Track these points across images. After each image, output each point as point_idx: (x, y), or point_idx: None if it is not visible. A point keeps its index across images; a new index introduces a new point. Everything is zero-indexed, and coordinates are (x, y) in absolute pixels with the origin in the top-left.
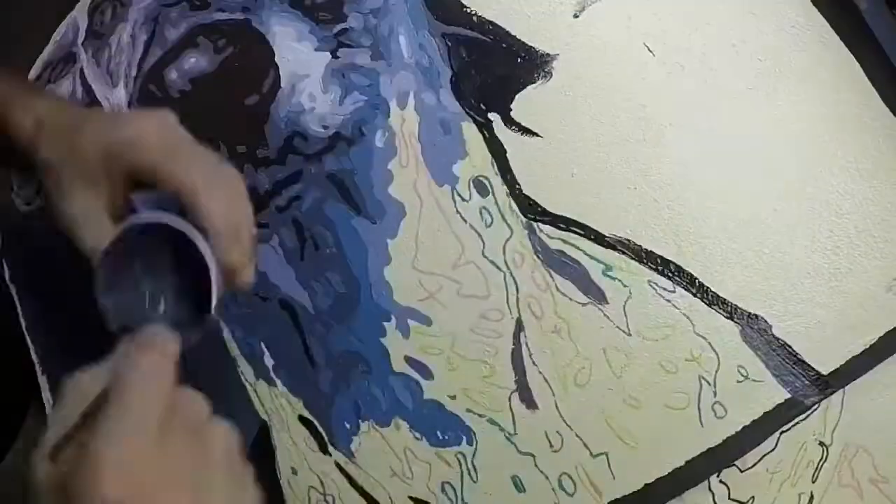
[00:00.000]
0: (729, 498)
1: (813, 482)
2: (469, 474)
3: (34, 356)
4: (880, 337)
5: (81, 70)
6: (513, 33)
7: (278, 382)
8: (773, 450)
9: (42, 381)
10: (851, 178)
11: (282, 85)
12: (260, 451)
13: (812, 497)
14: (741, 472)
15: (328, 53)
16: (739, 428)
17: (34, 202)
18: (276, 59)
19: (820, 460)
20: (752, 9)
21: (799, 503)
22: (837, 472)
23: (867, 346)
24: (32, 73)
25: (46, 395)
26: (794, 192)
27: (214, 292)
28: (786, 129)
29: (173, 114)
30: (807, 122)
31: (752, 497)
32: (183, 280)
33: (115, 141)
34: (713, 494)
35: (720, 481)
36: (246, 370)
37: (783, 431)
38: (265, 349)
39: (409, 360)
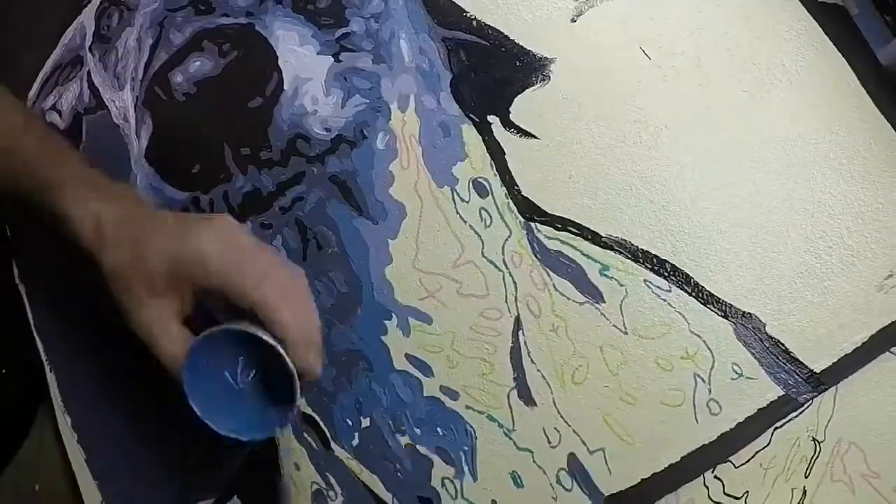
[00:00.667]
0: (723, 493)
1: (806, 477)
2: (469, 470)
3: (42, 354)
4: (872, 335)
5: (89, 73)
6: (512, 37)
7: None
8: (766, 446)
9: (50, 377)
10: (843, 180)
11: (285, 88)
12: (263, 448)
13: (805, 492)
14: (735, 467)
15: (330, 57)
16: (733, 424)
17: None
18: (280, 62)
19: (813, 456)
20: (746, 14)
21: (792, 498)
22: (830, 467)
23: (859, 345)
24: (41, 76)
25: (54, 391)
26: (787, 194)
27: (297, 392)
28: (779, 131)
29: (233, 220)
30: (799, 125)
31: (747, 492)
32: (266, 382)
33: (181, 256)
34: (708, 489)
35: (715, 476)
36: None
37: (776, 428)
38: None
39: (410, 358)
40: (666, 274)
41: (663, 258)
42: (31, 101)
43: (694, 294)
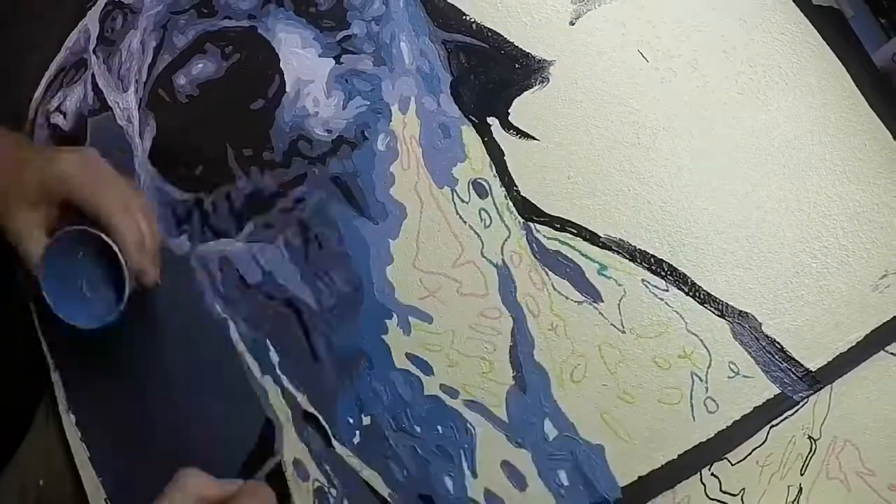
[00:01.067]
0: (720, 490)
1: (801, 475)
2: (468, 468)
3: (47, 353)
4: (867, 334)
5: (93, 75)
6: (511, 40)
7: (283, 378)
8: (762, 443)
9: (55, 376)
10: (839, 181)
11: (287, 90)
12: (266, 445)
13: (801, 489)
14: (732, 465)
15: (332, 59)
16: (730, 422)
17: None
18: (282, 64)
19: (808, 453)
20: (743, 16)
21: (788, 495)
22: (825, 465)
23: (854, 344)
24: (46, 78)
25: (59, 390)
26: (784, 194)
27: (127, 288)
28: (775, 133)
29: (94, 150)
30: (795, 127)
31: (743, 489)
32: (104, 275)
33: (48, 176)
34: (705, 486)
35: (712, 474)
36: (252, 366)
37: (773, 426)
38: (271, 346)
39: (410, 357)
40: (663, 274)
41: (661, 258)
42: (36, 102)
43: (691, 294)
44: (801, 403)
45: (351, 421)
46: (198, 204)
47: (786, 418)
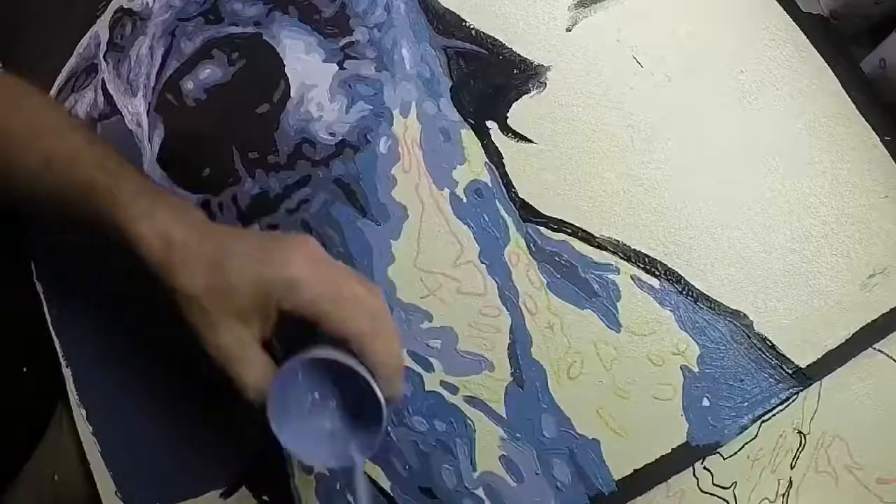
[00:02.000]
0: (713, 483)
1: (791, 468)
2: (468, 462)
3: (59, 351)
4: (855, 332)
5: (103, 80)
6: (509, 46)
7: None
8: (754, 438)
9: (66, 373)
10: (828, 183)
11: (291, 94)
12: (270, 442)
13: (791, 483)
14: (724, 459)
15: (335, 65)
16: None
17: None
18: (286, 70)
19: (798, 448)
20: (734, 24)
21: (778, 488)
22: (814, 459)
23: (843, 341)
24: (57, 83)
25: (71, 388)
26: (774, 196)
27: (385, 420)
28: (765, 136)
29: (313, 239)
30: (786, 130)
31: (735, 482)
32: (349, 408)
33: (268, 279)
34: (698, 480)
35: (704, 468)
36: None
37: (763, 421)
38: (275, 343)
39: (412, 354)
40: (658, 273)
41: (655, 258)
42: None
43: (684, 292)
44: (792, 399)
45: None
46: (205, 205)
47: (776, 413)
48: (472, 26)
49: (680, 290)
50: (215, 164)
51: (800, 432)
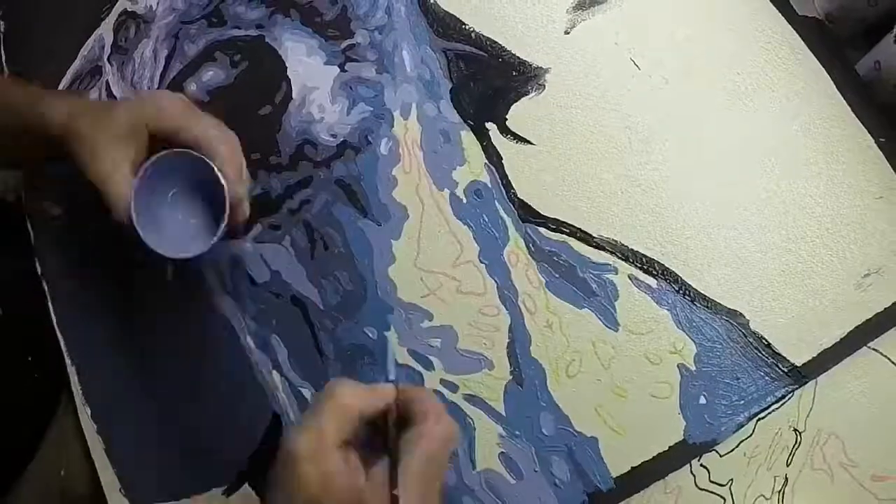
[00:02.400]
0: (709, 480)
1: (787, 466)
2: (468, 459)
3: (63, 348)
4: (850, 331)
5: (107, 82)
6: (508, 48)
7: (290, 374)
8: (750, 436)
9: (71, 370)
10: (823, 184)
11: (293, 97)
12: (272, 440)
13: (786, 480)
14: (720, 456)
15: (336, 67)
16: None
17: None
18: (288, 72)
19: (794, 446)
20: (731, 27)
21: (774, 486)
22: (810, 456)
23: (838, 340)
24: (62, 85)
25: (75, 386)
26: (770, 197)
27: (227, 209)
28: (762, 137)
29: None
30: (782, 132)
31: (731, 479)
32: (195, 208)
33: (141, 108)
34: (694, 477)
35: (701, 465)
36: (260, 362)
37: (759, 419)
38: (278, 342)
39: (412, 353)
40: (655, 273)
41: (653, 258)
42: None
43: (682, 292)
44: (787, 397)
45: None
46: None
47: (772, 411)
48: (471, 29)
49: (677, 289)
50: None
51: (795, 430)
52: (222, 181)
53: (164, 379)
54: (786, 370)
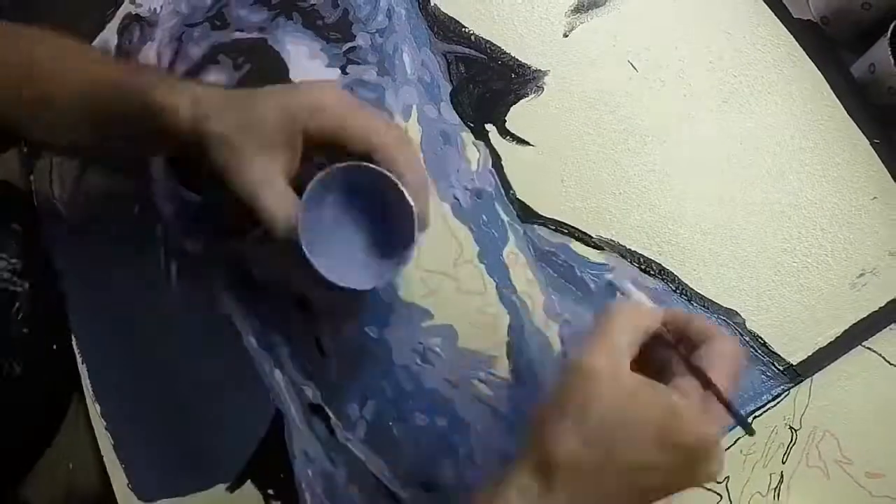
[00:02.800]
0: None
1: (783, 463)
2: (467, 456)
3: (76, 347)
4: (845, 330)
5: None
6: (507, 51)
7: (292, 372)
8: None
9: (82, 369)
10: (818, 184)
11: None
12: (275, 436)
13: (782, 477)
14: None
15: (338, 69)
16: None
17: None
18: (291, 75)
19: (789, 443)
20: (727, 29)
21: (770, 483)
22: (805, 453)
23: (833, 339)
24: None
25: (86, 381)
26: (766, 197)
27: (416, 230)
28: (758, 139)
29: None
30: (777, 133)
31: (728, 477)
32: (379, 221)
33: (297, 106)
34: None
35: None
36: (263, 360)
37: (755, 416)
38: (280, 341)
39: (413, 352)
40: (653, 273)
41: (650, 258)
42: None
43: (679, 291)
44: (783, 395)
45: (355, 412)
46: None
47: (768, 409)
48: (471, 32)
49: (674, 288)
50: None
51: (791, 428)
52: (409, 200)
53: (171, 377)
54: (781, 369)
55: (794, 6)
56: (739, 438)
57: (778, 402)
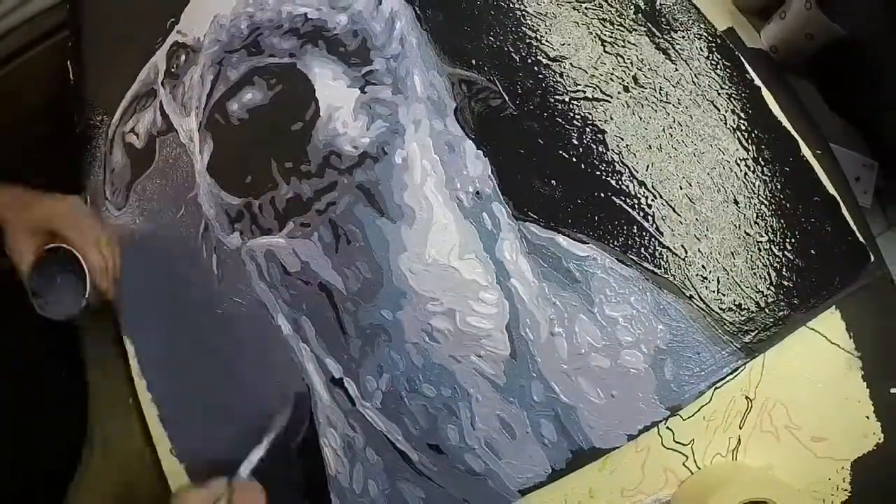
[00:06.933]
0: (674, 440)
1: (740, 428)
2: (469, 422)
3: (122, 324)
4: (791, 313)
5: (161, 103)
6: (503, 73)
7: (317, 349)
8: (708, 402)
9: (130, 349)
10: (768, 191)
11: (321, 114)
12: (303, 405)
13: (739, 440)
14: (683, 420)
15: (358, 90)
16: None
17: None
18: (317, 94)
19: (746, 411)
20: (688, 59)
21: (729, 445)
22: (759, 420)
23: (781, 320)
24: (122, 105)
25: (133, 358)
26: (725, 202)
27: (88, 291)
28: (716, 149)
29: (77, 199)
30: (728, 144)
31: (693, 440)
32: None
33: (48, 215)
34: (661, 438)
35: (667, 427)
36: (292, 339)
37: (716, 388)
38: (307, 323)
39: (422, 331)
40: (629, 264)
41: (626, 251)
42: (115, 125)
43: (651, 280)
44: (740, 369)
45: (373, 383)
46: (247, 207)
47: (727, 381)
48: (472, 57)
49: (646, 277)
50: (256, 173)
51: (747, 397)
52: (84, 267)
53: (211, 355)
54: (738, 346)
55: (747, 38)
56: (703, 406)
57: (735, 376)
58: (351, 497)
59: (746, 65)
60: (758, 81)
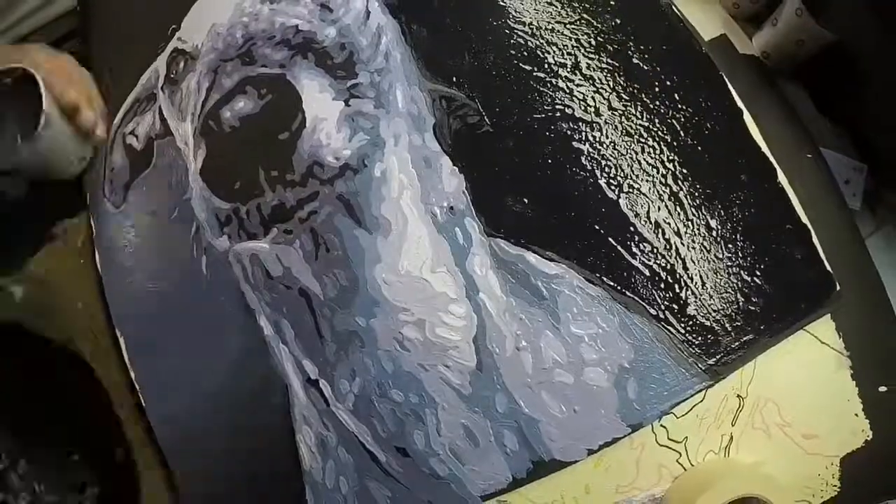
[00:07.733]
0: (668, 437)
1: (732, 426)
2: (435, 428)
3: (113, 317)
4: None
5: (160, 107)
6: (481, 92)
7: (296, 351)
8: (701, 401)
9: (122, 342)
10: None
11: (306, 125)
12: (281, 405)
13: (731, 437)
14: (677, 418)
15: (342, 102)
16: None
17: None
18: (303, 105)
19: (738, 409)
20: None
21: (721, 442)
22: (751, 418)
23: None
24: (124, 107)
25: (124, 351)
26: (705, 217)
27: (43, 114)
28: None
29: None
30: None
31: (686, 437)
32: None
33: (30, 62)
34: (655, 435)
35: (661, 425)
36: (273, 341)
37: (710, 387)
38: (287, 325)
39: (394, 339)
40: (597, 283)
41: (594, 270)
42: (116, 126)
43: (618, 301)
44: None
45: (345, 386)
46: (235, 212)
47: (720, 381)
48: (452, 74)
49: (614, 297)
50: (244, 179)
51: (739, 396)
52: (43, 93)
53: (199, 352)
54: (703, 368)
55: (739, 43)
56: (697, 405)
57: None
58: (324, 491)
59: (730, 86)
60: (740, 104)
